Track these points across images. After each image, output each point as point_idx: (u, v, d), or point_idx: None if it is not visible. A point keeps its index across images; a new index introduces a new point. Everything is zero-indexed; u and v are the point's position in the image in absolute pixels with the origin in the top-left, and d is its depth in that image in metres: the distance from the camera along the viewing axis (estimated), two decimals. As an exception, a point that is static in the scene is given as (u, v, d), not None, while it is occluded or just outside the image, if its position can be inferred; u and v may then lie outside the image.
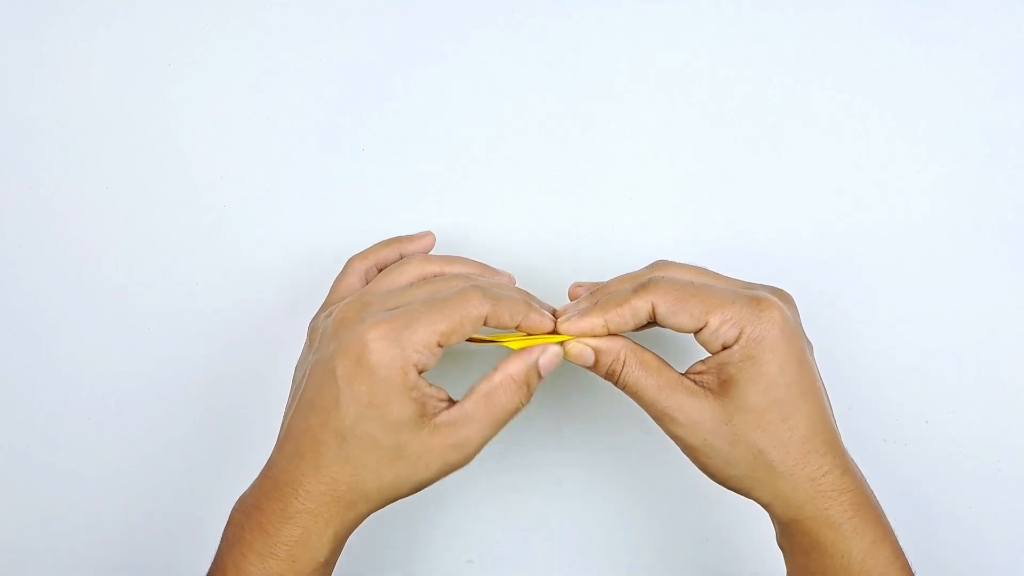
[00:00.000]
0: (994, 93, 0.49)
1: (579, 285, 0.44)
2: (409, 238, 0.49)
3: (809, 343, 0.42)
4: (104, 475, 0.52)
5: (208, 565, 0.40)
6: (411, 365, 0.38)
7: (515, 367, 0.40)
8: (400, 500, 0.40)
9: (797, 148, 0.50)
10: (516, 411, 0.40)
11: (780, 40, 0.49)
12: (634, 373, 0.40)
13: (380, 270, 0.47)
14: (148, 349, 0.51)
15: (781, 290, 0.42)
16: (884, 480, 0.50)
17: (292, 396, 0.42)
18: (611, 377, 0.41)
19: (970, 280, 0.49)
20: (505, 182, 0.50)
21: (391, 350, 0.38)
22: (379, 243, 0.48)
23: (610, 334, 0.41)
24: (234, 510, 0.40)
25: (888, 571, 0.39)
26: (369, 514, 0.40)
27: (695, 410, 0.40)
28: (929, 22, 0.49)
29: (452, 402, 0.40)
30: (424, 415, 0.39)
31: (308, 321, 0.44)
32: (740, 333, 0.39)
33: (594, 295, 0.42)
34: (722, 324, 0.39)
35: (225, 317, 0.51)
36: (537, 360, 0.40)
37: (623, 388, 0.41)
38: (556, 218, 0.50)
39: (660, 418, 0.41)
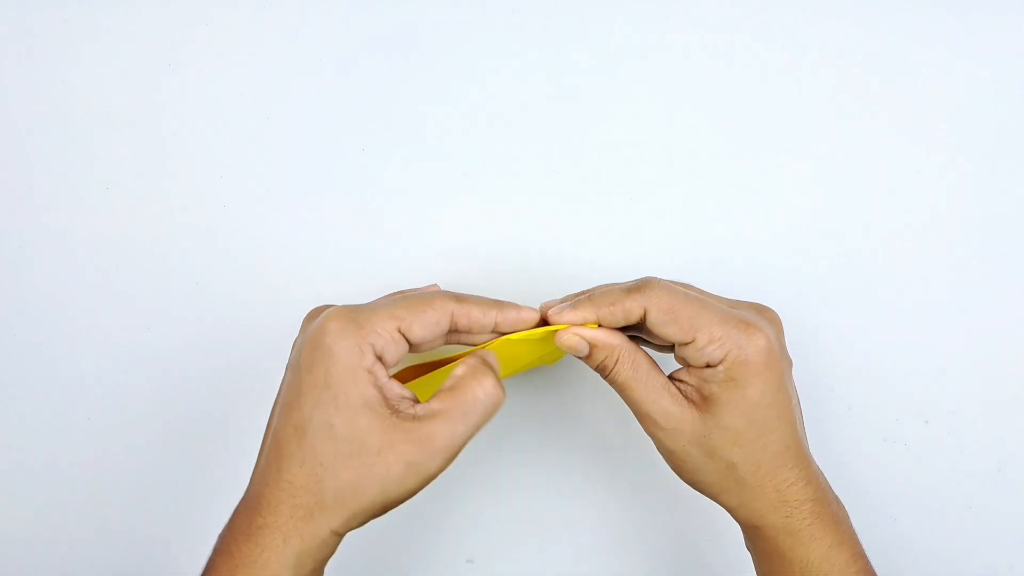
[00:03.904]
0: (994, 94, 0.49)
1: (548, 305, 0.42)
2: (414, 291, 0.48)
3: (790, 361, 0.42)
4: (104, 475, 0.52)
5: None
6: (367, 344, 0.37)
7: (478, 357, 0.39)
8: (377, 519, 0.38)
9: (797, 148, 0.50)
10: (488, 404, 0.37)
11: (780, 43, 0.49)
12: (625, 371, 0.41)
13: None
14: (148, 349, 0.51)
15: (767, 309, 0.42)
16: (884, 480, 0.50)
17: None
18: (602, 371, 0.41)
19: (971, 280, 0.49)
20: (505, 182, 0.50)
21: (347, 328, 0.37)
22: (384, 296, 0.47)
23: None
24: (217, 537, 0.38)
25: (846, 573, 0.39)
26: (334, 534, 0.37)
27: (676, 419, 0.40)
28: (929, 24, 0.49)
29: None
30: (386, 406, 0.37)
31: (308, 321, 0.44)
32: (725, 355, 0.39)
33: (585, 293, 0.42)
34: (709, 343, 0.39)
35: (225, 317, 0.51)
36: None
37: (611, 383, 0.41)
38: (555, 218, 0.50)
39: (642, 419, 0.41)
